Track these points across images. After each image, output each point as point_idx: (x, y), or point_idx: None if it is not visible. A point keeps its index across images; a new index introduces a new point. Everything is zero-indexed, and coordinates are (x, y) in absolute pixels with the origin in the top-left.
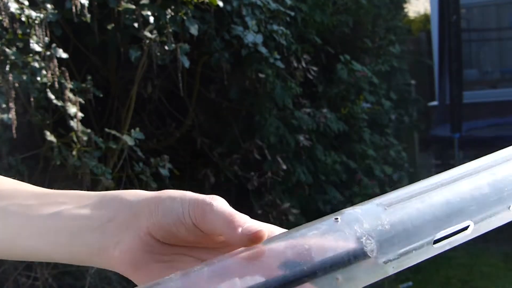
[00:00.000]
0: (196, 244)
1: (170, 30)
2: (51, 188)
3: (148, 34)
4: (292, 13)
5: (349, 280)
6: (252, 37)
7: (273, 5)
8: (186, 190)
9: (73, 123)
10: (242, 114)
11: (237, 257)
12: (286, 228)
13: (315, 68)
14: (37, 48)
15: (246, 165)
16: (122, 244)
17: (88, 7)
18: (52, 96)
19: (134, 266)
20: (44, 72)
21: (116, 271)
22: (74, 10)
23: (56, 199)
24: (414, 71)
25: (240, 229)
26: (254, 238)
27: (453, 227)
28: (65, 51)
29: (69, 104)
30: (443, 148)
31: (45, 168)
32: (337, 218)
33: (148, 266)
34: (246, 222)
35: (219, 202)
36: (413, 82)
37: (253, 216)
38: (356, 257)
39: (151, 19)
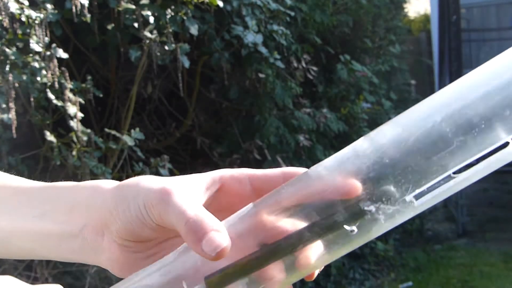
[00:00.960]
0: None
1: (170, 30)
2: None
3: (148, 34)
4: (292, 13)
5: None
6: (252, 37)
7: (273, 5)
8: None
9: (73, 123)
10: (242, 114)
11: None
12: None
13: (315, 68)
14: (37, 48)
15: (246, 165)
16: (105, 252)
17: (88, 7)
18: (52, 96)
19: (127, 270)
20: (44, 72)
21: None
22: (74, 10)
23: (40, 195)
24: (414, 71)
25: (203, 242)
26: (218, 256)
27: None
28: (65, 51)
29: (69, 104)
30: None
31: (45, 168)
32: (353, 231)
33: (138, 264)
34: (209, 229)
35: (172, 199)
36: (413, 82)
37: None
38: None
39: (151, 19)
